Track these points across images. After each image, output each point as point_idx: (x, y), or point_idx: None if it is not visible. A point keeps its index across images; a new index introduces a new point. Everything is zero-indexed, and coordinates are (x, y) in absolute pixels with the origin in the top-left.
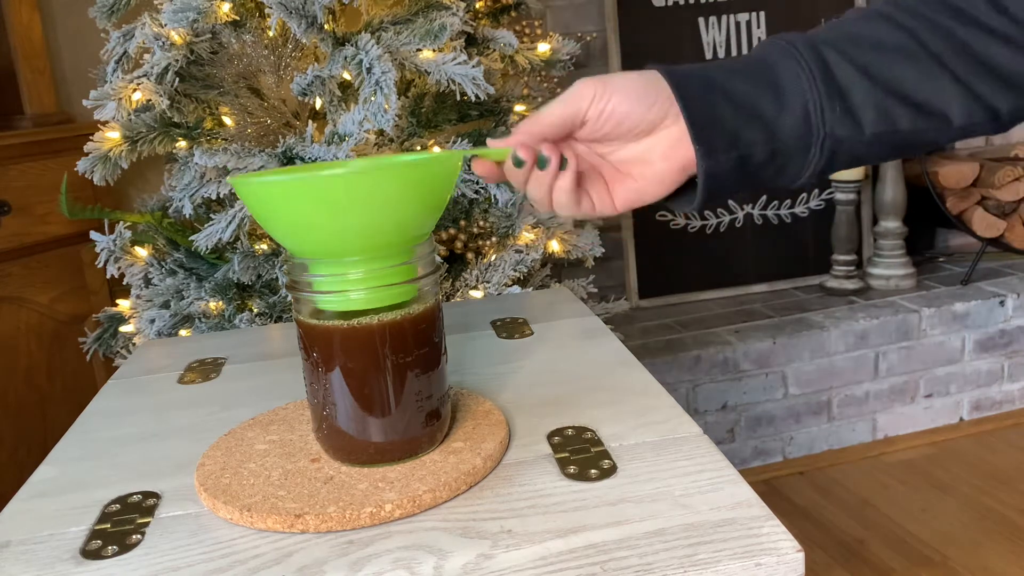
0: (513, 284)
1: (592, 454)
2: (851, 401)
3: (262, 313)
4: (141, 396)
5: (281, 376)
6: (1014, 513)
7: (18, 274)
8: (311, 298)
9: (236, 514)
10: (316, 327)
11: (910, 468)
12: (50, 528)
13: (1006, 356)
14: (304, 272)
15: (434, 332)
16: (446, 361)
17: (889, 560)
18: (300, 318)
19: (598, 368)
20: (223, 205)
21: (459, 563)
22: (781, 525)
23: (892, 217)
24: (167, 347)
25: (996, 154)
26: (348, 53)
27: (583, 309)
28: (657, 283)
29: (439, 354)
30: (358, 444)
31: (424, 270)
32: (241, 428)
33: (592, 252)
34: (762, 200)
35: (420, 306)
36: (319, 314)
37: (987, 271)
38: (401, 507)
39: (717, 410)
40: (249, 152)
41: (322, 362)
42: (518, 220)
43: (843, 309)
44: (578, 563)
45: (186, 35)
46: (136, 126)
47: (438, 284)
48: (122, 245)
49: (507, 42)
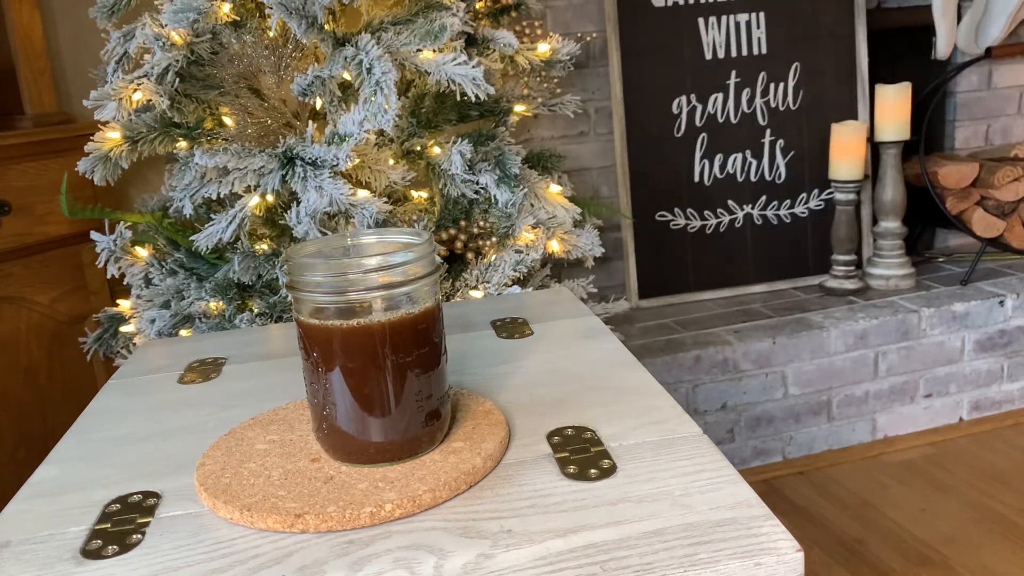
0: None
1: (592, 454)
2: (851, 401)
3: (262, 313)
4: (141, 396)
5: (281, 376)
6: (1014, 513)
7: (18, 274)
8: (311, 297)
9: (236, 514)
10: (316, 327)
11: (910, 468)
12: (50, 528)
13: (1006, 356)
14: (305, 272)
15: (434, 332)
16: (446, 361)
17: (888, 560)
18: (300, 318)
19: (598, 368)
20: (223, 205)
21: (459, 563)
22: (780, 525)
23: (892, 217)
24: (167, 347)
25: (996, 154)
26: (348, 53)
27: (583, 309)
28: (657, 283)
29: (439, 354)
30: (358, 444)
31: (424, 270)
32: (241, 428)
33: (592, 252)
34: (762, 200)
35: (420, 306)
36: (319, 313)
37: (987, 271)
38: (401, 507)
39: (717, 410)
40: (249, 152)
41: (322, 362)
42: (518, 220)
43: (843, 309)
44: (578, 563)
45: (186, 35)
46: (136, 126)
47: (438, 284)
48: (122, 245)
49: (507, 42)
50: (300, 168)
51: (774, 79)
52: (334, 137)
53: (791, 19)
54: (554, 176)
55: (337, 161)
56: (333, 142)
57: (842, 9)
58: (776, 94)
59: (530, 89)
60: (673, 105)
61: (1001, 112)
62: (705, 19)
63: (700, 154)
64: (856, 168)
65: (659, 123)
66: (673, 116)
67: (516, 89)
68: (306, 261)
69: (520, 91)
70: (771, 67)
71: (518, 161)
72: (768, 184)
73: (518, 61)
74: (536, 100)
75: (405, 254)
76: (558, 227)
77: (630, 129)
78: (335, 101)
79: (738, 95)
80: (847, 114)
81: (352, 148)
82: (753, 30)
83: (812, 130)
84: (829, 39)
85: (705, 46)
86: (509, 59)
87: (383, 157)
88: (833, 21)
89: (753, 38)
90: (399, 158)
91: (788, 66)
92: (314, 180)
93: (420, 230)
